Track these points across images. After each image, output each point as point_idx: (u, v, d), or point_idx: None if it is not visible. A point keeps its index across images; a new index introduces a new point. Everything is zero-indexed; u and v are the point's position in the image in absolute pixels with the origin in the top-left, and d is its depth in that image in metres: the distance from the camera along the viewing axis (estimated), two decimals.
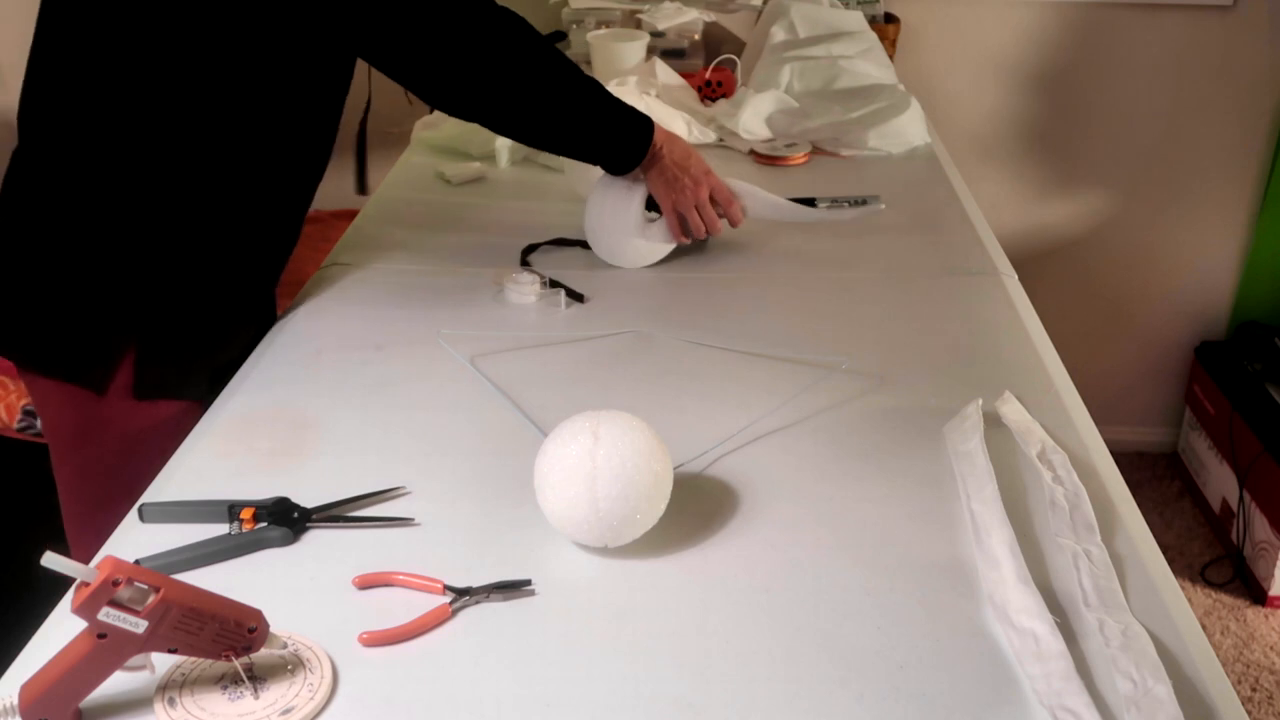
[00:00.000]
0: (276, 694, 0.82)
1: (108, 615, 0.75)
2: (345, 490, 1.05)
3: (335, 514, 1.01)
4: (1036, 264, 2.69)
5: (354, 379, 1.24)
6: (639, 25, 2.24)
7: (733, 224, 1.49)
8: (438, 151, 1.89)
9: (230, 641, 0.80)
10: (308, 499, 1.04)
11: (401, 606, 0.90)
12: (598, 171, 1.47)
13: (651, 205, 1.47)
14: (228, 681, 0.83)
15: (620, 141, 1.39)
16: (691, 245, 1.51)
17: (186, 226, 1.25)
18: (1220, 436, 2.66)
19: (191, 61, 1.17)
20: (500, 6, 1.26)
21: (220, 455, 1.11)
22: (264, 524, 0.98)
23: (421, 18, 1.19)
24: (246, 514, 0.98)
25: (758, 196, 1.50)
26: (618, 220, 1.47)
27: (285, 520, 0.99)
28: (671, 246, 1.49)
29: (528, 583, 0.93)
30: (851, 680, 0.84)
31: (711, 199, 1.45)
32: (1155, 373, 2.91)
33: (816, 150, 1.89)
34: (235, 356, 1.30)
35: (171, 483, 1.07)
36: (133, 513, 1.02)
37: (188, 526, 1.00)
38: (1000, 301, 1.40)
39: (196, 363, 1.31)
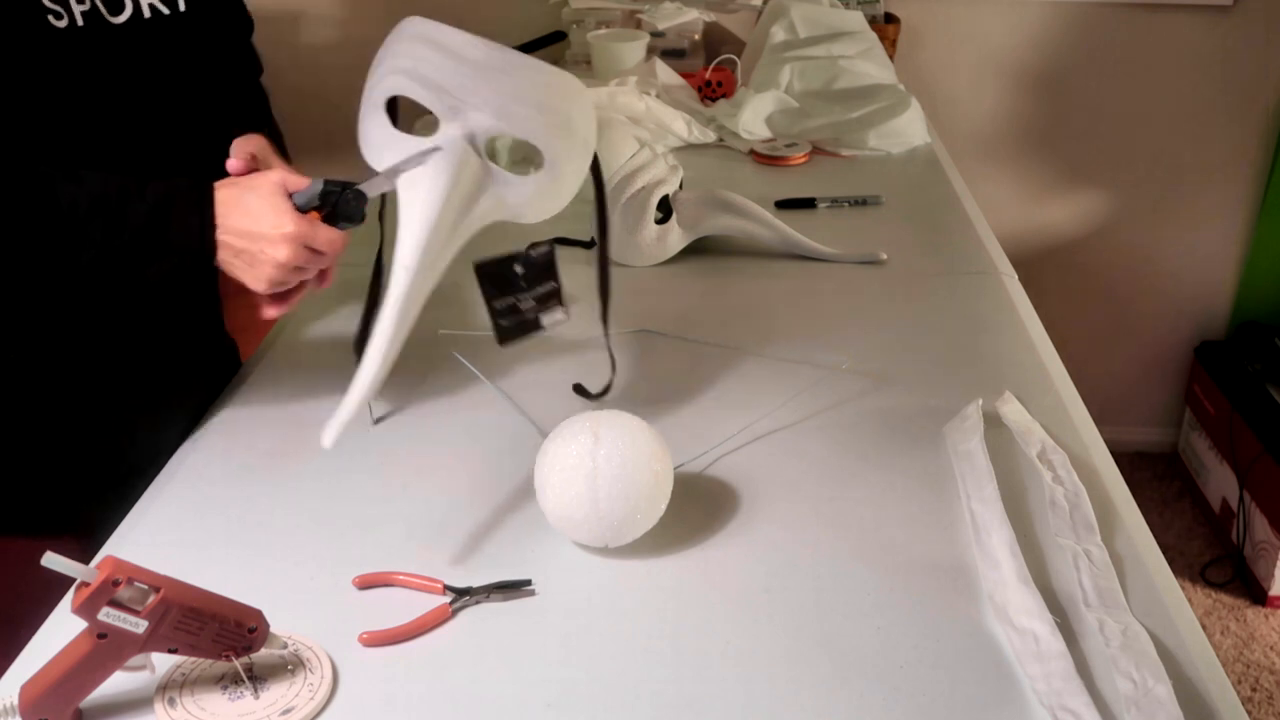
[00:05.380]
0: (276, 694, 0.82)
1: (108, 615, 0.75)
2: (344, 489, 1.05)
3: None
4: (1036, 264, 2.69)
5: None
6: (639, 25, 2.24)
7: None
8: None
9: (230, 641, 0.80)
10: (307, 498, 1.04)
11: (401, 606, 0.90)
12: (604, 170, 1.46)
13: (663, 205, 1.47)
14: (228, 681, 0.83)
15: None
16: (693, 245, 1.50)
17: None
18: (1220, 436, 2.66)
19: None
20: None
21: (222, 455, 1.12)
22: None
23: None
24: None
25: (775, 225, 1.49)
26: (628, 219, 1.47)
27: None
28: (682, 245, 1.49)
29: (528, 583, 0.93)
30: (851, 680, 0.84)
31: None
32: (1155, 373, 2.91)
33: (816, 150, 1.89)
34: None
35: (173, 481, 1.08)
36: (132, 510, 1.02)
37: (186, 527, 1.01)
38: (1000, 301, 1.40)
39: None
